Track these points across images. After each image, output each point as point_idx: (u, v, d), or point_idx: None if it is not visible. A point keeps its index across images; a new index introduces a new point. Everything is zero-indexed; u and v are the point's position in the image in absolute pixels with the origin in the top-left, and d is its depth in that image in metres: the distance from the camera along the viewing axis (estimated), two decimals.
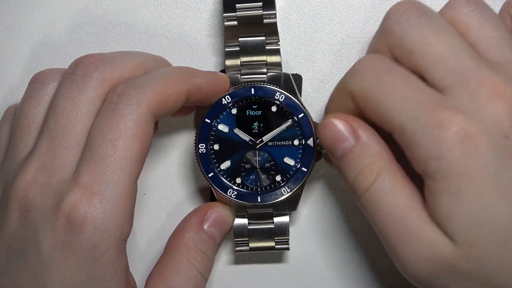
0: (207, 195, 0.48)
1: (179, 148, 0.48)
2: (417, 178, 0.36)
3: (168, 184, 0.48)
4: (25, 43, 0.48)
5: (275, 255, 0.48)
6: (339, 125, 0.39)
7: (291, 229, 0.47)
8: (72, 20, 0.48)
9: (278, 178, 0.44)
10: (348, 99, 0.39)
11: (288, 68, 0.47)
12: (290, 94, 0.43)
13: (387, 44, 0.38)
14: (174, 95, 0.38)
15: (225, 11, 0.43)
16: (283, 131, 0.43)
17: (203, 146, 0.43)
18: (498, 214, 0.34)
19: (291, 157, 0.43)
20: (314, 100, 0.47)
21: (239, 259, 0.48)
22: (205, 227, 0.42)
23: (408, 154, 0.36)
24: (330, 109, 0.42)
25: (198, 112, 0.47)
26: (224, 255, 0.48)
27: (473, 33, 0.38)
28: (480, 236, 0.34)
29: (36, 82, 0.40)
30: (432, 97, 0.35)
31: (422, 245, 0.35)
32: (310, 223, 0.48)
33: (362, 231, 0.48)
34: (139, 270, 0.47)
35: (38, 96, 0.40)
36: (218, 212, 0.43)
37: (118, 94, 0.37)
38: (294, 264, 0.48)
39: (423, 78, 0.37)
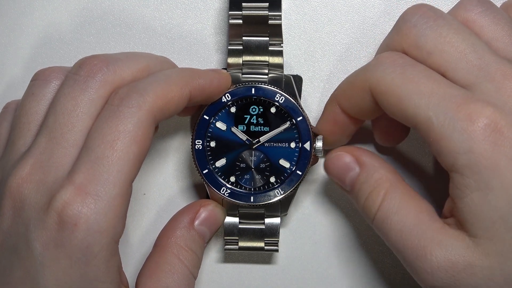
0: (203, 193, 0.47)
1: (180, 148, 0.48)
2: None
3: (167, 184, 0.48)
4: (25, 43, 0.48)
5: (264, 256, 0.48)
6: (343, 157, 0.41)
7: (282, 232, 0.47)
8: (72, 20, 0.48)
9: (272, 179, 0.44)
10: (364, 94, 0.39)
11: (288, 68, 0.47)
12: (290, 97, 0.42)
13: (404, 46, 0.38)
14: (176, 98, 0.38)
15: (231, 9, 0.42)
16: (281, 133, 0.43)
17: (199, 142, 0.43)
18: None
19: (286, 159, 0.43)
20: (313, 100, 0.47)
21: (228, 257, 0.48)
22: (196, 225, 0.42)
23: (434, 149, 0.36)
24: (338, 100, 0.41)
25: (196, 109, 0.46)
26: (213, 253, 0.48)
27: (488, 32, 0.38)
28: (503, 231, 0.34)
29: (39, 79, 0.40)
30: (459, 91, 0.36)
31: (437, 255, 0.36)
32: (301, 227, 0.48)
33: (354, 239, 0.48)
34: (133, 268, 0.47)
35: (39, 94, 0.39)
36: (209, 210, 0.43)
37: (120, 97, 0.36)
38: (282, 266, 0.48)
39: None
